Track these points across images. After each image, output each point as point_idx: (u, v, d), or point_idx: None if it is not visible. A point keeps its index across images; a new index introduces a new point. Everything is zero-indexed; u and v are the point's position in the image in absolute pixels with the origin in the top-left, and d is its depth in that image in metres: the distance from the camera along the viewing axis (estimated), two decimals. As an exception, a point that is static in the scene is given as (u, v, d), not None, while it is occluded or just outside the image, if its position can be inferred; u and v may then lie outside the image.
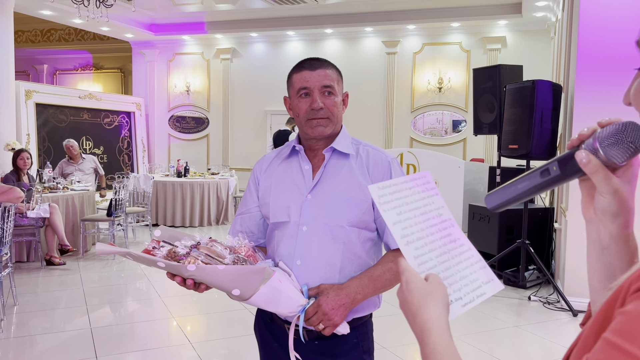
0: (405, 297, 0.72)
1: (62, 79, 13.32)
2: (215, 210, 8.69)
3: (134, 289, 5.23)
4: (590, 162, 0.65)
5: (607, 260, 0.69)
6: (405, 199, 0.86)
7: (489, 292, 0.83)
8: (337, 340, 1.53)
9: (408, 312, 0.71)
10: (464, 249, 0.86)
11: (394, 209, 0.83)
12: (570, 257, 4.56)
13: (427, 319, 0.68)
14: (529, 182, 0.73)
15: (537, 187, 0.72)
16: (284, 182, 1.58)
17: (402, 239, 0.80)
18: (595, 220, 0.70)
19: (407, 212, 0.84)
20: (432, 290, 0.72)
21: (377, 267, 1.50)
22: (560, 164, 0.69)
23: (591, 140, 0.66)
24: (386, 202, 0.83)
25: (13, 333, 3.93)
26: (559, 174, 0.70)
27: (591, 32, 4.37)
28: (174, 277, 1.36)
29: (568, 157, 0.69)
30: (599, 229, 0.69)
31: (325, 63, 1.55)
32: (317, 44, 10.50)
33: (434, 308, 0.69)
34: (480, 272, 0.84)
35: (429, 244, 0.82)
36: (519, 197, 0.75)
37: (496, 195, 0.77)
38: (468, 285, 0.81)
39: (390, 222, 0.81)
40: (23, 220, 5.66)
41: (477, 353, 3.62)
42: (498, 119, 5.52)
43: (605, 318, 0.54)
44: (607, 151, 0.64)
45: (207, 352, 3.62)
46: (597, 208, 0.68)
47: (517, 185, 0.74)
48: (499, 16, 8.91)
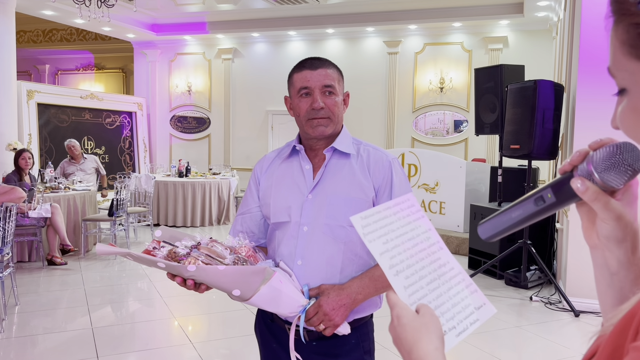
0: (398, 333, 0.70)
1: (63, 79, 13.34)
2: (217, 210, 8.70)
3: (136, 289, 5.24)
4: (588, 190, 0.62)
5: (617, 286, 0.67)
6: (390, 226, 0.83)
7: (482, 318, 0.81)
8: (338, 341, 1.52)
9: (402, 349, 0.69)
10: (454, 273, 0.83)
11: (379, 239, 0.81)
12: (572, 258, 4.55)
13: (424, 355, 0.67)
14: (522, 210, 0.70)
15: (531, 215, 0.70)
16: (284, 182, 1.58)
17: (390, 270, 0.77)
18: (600, 247, 0.67)
19: (394, 240, 0.81)
20: (425, 323, 0.70)
21: (378, 268, 1.50)
22: (554, 191, 0.67)
23: (585, 165, 0.63)
24: (370, 232, 0.81)
25: (14, 333, 3.93)
26: (555, 201, 0.67)
27: (593, 32, 4.36)
28: (174, 277, 1.35)
29: (562, 183, 0.66)
30: (605, 255, 0.66)
31: (326, 62, 1.55)
32: (318, 44, 10.50)
33: (429, 342, 0.68)
34: (471, 298, 0.82)
35: (418, 271, 0.79)
36: (513, 226, 0.72)
37: (489, 225, 0.75)
38: (460, 312, 0.79)
39: (377, 252, 0.79)
40: (25, 220, 5.67)
41: (478, 353, 3.61)
42: (500, 119, 5.51)
43: (617, 348, 0.51)
44: (604, 176, 0.62)
45: (208, 352, 3.62)
46: (601, 235, 0.65)
47: (510, 214, 0.72)
48: (500, 16, 8.90)
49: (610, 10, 0.56)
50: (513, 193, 5.84)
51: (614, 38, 0.56)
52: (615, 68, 0.57)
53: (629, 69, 0.55)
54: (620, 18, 0.55)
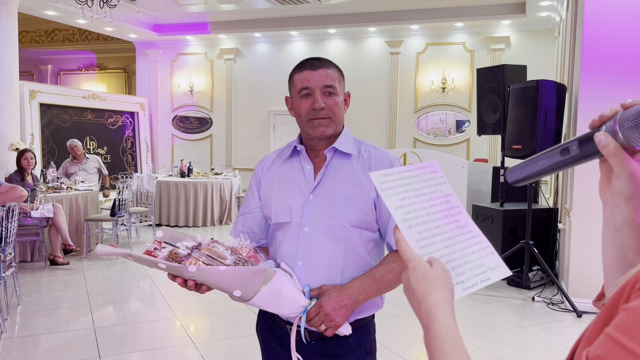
0: (411, 282, 0.72)
1: (66, 79, 13.36)
2: (219, 210, 8.70)
3: (138, 289, 5.24)
4: (609, 145, 0.65)
5: (619, 241, 0.70)
6: (409, 186, 0.83)
7: (494, 277, 0.82)
8: (339, 341, 1.52)
9: (413, 298, 0.72)
10: (471, 235, 0.84)
11: (396, 195, 0.81)
12: (575, 258, 4.54)
13: (433, 305, 0.69)
14: (548, 159, 0.74)
15: (556, 165, 0.73)
16: (285, 182, 1.58)
17: (404, 223, 0.78)
18: (610, 202, 0.70)
19: (412, 198, 0.82)
20: (438, 276, 0.72)
21: (379, 268, 1.50)
22: (580, 144, 0.70)
23: (611, 122, 0.66)
24: (388, 188, 0.81)
25: (17, 332, 3.94)
26: (578, 153, 0.70)
27: (596, 32, 4.35)
28: (175, 278, 1.35)
29: (588, 137, 0.68)
30: (614, 210, 0.70)
31: (327, 63, 1.55)
32: (320, 44, 10.50)
33: (440, 294, 0.70)
34: (487, 258, 0.83)
35: (433, 228, 0.80)
36: (538, 173, 0.76)
37: (516, 171, 0.79)
38: (472, 270, 0.80)
39: (392, 206, 0.79)
40: (27, 220, 5.68)
41: (480, 353, 3.61)
42: (502, 119, 5.50)
43: (610, 313, 0.54)
44: (627, 134, 0.64)
45: (210, 352, 3.62)
46: (613, 190, 0.69)
47: (537, 162, 0.75)
48: (502, 16, 8.89)
49: None
50: (515, 193, 5.83)
51: None
52: None
53: None
54: None
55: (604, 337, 0.51)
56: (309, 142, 1.58)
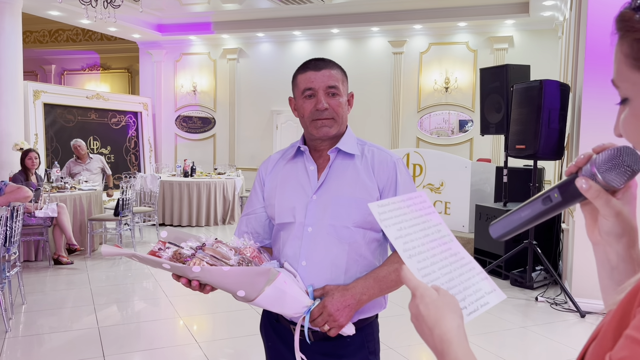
0: (421, 310, 0.73)
1: (69, 79, 13.40)
2: (222, 210, 8.72)
3: (141, 289, 5.26)
4: (591, 188, 0.68)
5: (617, 278, 0.72)
6: (404, 216, 0.89)
7: (492, 301, 0.85)
8: (343, 341, 1.52)
9: (424, 326, 0.73)
10: (464, 262, 0.87)
11: (394, 225, 0.86)
12: (578, 258, 4.54)
13: (447, 331, 0.70)
14: (531, 210, 0.76)
15: (539, 214, 0.75)
16: (289, 182, 1.58)
17: (404, 252, 0.82)
18: (601, 243, 0.73)
19: (407, 228, 0.87)
20: (447, 302, 0.73)
21: (382, 268, 1.50)
22: (561, 191, 0.72)
23: (589, 167, 0.69)
24: (386, 219, 0.87)
25: (21, 332, 3.96)
26: (561, 200, 0.72)
27: (599, 32, 4.34)
28: (180, 278, 1.36)
29: (567, 184, 0.71)
30: (606, 250, 0.72)
31: (330, 63, 1.55)
32: (323, 44, 10.50)
33: (452, 320, 0.71)
34: (482, 283, 0.86)
35: (430, 257, 0.84)
36: (523, 225, 0.78)
37: (500, 225, 0.80)
38: (472, 295, 0.83)
39: (392, 237, 0.84)
40: (31, 219, 5.70)
41: (483, 354, 3.60)
42: (505, 119, 5.49)
43: (624, 316, 0.55)
44: (605, 176, 0.67)
45: (214, 351, 3.63)
46: (602, 231, 0.71)
47: (520, 214, 0.77)
48: (506, 16, 8.87)
49: (616, 27, 0.62)
50: (518, 193, 5.82)
51: (619, 52, 0.62)
52: (619, 79, 0.63)
53: (631, 79, 0.61)
54: (625, 34, 0.61)
55: (625, 340, 0.51)
56: (313, 143, 1.59)
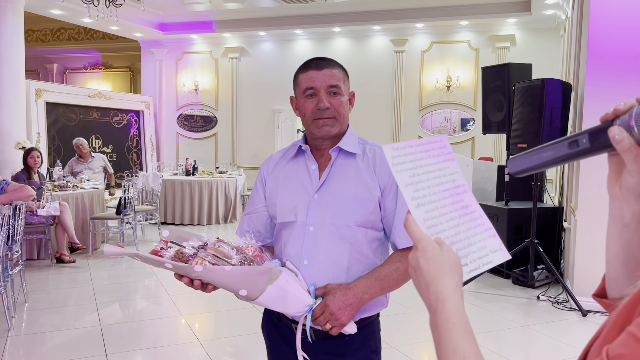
0: (420, 264, 0.71)
1: (71, 77, 13.41)
2: (224, 208, 8.72)
3: (143, 287, 5.27)
4: (623, 140, 0.64)
5: (626, 237, 0.70)
6: (419, 162, 0.84)
7: (495, 260, 0.82)
8: (345, 340, 1.53)
9: (421, 280, 0.71)
10: (475, 216, 0.84)
11: (406, 171, 0.82)
12: (580, 257, 4.53)
13: (443, 290, 0.68)
14: (554, 151, 0.71)
15: (563, 157, 0.71)
16: (290, 182, 1.59)
17: (412, 201, 0.79)
18: (619, 197, 0.70)
19: (420, 175, 0.82)
20: (449, 259, 0.71)
21: (384, 267, 1.50)
22: (590, 137, 0.67)
23: (627, 117, 0.64)
24: (399, 164, 0.82)
25: (24, 330, 3.97)
26: (588, 147, 0.68)
27: (601, 30, 4.33)
28: (182, 277, 1.37)
29: (600, 130, 0.67)
30: (622, 206, 0.69)
31: (332, 63, 1.55)
32: (325, 43, 10.49)
33: (451, 278, 0.69)
34: (489, 240, 0.83)
35: (439, 208, 0.81)
36: (543, 165, 0.73)
37: (519, 161, 0.76)
38: (475, 252, 0.80)
39: (402, 183, 0.80)
40: (34, 218, 5.72)
41: (485, 352, 3.59)
42: (507, 118, 5.49)
43: (630, 312, 0.54)
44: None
45: (216, 350, 3.64)
46: (623, 186, 0.68)
47: (542, 154, 0.73)
48: (508, 14, 8.86)
49: None
50: (520, 192, 5.82)
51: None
52: None
53: None
54: None
55: (626, 336, 0.50)
56: (314, 142, 1.59)
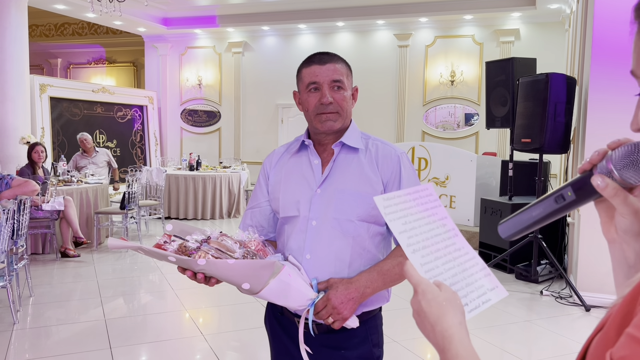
0: (422, 307, 0.72)
1: (75, 72, 13.43)
2: (227, 203, 8.74)
3: (147, 282, 5.29)
4: (608, 186, 0.65)
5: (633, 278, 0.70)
6: (409, 210, 0.88)
7: (494, 298, 0.84)
8: (347, 334, 1.53)
9: (426, 322, 0.72)
10: (468, 257, 0.87)
11: (399, 219, 0.85)
12: (583, 252, 4.53)
13: (448, 327, 0.69)
14: (543, 209, 0.73)
15: (552, 213, 0.73)
16: (293, 176, 1.59)
17: (408, 247, 0.81)
18: (618, 241, 0.70)
19: (412, 222, 0.86)
20: (449, 298, 0.73)
21: (386, 262, 1.51)
22: (574, 189, 0.70)
23: (604, 163, 0.67)
24: (391, 213, 0.86)
25: (29, 324, 4.00)
26: (575, 198, 0.70)
27: (606, 25, 4.31)
28: (185, 271, 1.37)
29: (582, 181, 0.69)
30: (623, 248, 0.70)
31: (335, 57, 1.55)
32: (328, 37, 10.47)
33: (454, 316, 0.71)
34: (485, 280, 0.86)
35: (434, 252, 0.83)
36: (534, 224, 0.75)
37: (510, 224, 0.78)
38: (474, 291, 0.82)
39: (397, 231, 0.84)
40: (38, 213, 5.74)
41: (488, 347, 3.61)
42: (511, 113, 5.47)
43: (627, 313, 0.54)
44: (623, 173, 0.65)
45: (219, 344, 3.66)
46: (620, 229, 0.69)
47: (531, 213, 0.75)
48: (512, 8, 8.82)
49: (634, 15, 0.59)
50: (524, 187, 5.81)
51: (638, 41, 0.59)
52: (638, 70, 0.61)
53: None
54: None
55: (625, 338, 0.51)
56: (317, 137, 1.59)
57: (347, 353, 1.54)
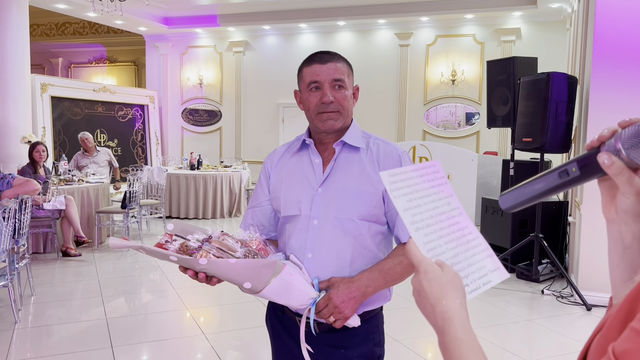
0: (423, 286, 0.72)
1: (76, 72, 13.44)
2: (228, 202, 8.75)
3: (148, 281, 5.30)
4: (614, 164, 0.64)
5: (629, 258, 0.70)
6: (415, 187, 0.86)
7: (495, 280, 0.83)
8: (348, 333, 1.53)
9: (426, 302, 0.72)
10: (471, 237, 0.86)
11: (404, 196, 0.84)
12: (584, 251, 4.52)
13: (449, 309, 0.69)
14: (545, 182, 0.72)
15: (554, 188, 0.71)
16: (294, 175, 1.59)
17: (412, 225, 0.80)
18: (617, 220, 0.70)
19: (417, 200, 0.85)
20: (451, 279, 0.72)
21: (387, 261, 1.51)
22: (579, 165, 0.68)
23: (613, 141, 0.65)
24: (397, 189, 0.84)
25: (30, 323, 4.00)
26: (579, 175, 0.69)
27: (608, 24, 4.30)
28: (186, 270, 1.37)
29: (588, 158, 0.68)
30: (621, 228, 0.70)
31: (336, 56, 1.55)
32: (329, 37, 10.47)
33: (455, 297, 0.70)
34: (487, 260, 0.84)
35: (437, 230, 0.82)
36: (535, 197, 0.74)
37: (511, 196, 0.76)
38: (475, 272, 0.81)
39: (401, 208, 0.82)
40: (39, 212, 5.75)
41: (489, 346, 3.61)
42: (512, 112, 5.47)
43: (631, 309, 0.54)
44: (630, 152, 0.64)
45: (220, 343, 3.66)
46: (620, 208, 0.68)
47: (533, 186, 0.73)
48: (513, 7, 8.81)
49: None
50: (525, 186, 5.79)
51: None
52: None
53: None
54: None
55: (629, 332, 0.51)
56: (318, 136, 1.59)
57: (348, 352, 1.54)
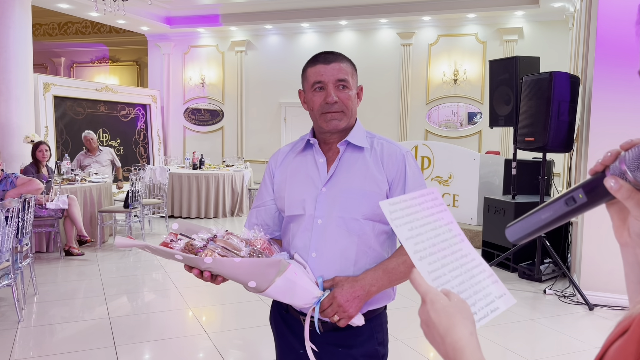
0: (431, 317, 0.70)
1: (79, 71, 13.47)
2: (230, 202, 8.76)
3: (151, 280, 5.31)
4: (622, 187, 0.63)
5: None
6: (415, 215, 0.86)
7: (502, 306, 0.82)
8: (352, 332, 1.54)
9: (435, 333, 0.70)
10: (475, 264, 0.85)
11: (405, 225, 0.83)
12: (587, 251, 4.52)
13: (459, 339, 0.68)
14: (552, 211, 0.71)
15: (562, 216, 0.70)
16: (298, 175, 1.60)
17: (415, 254, 0.80)
18: (631, 244, 0.68)
19: (418, 228, 0.84)
20: (460, 308, 0.71)
21: (391, 260, 1.51)
22: (586, 191, 0.67)
23: (617, 164, 0.64)
24: (397, 218, 0.84)
25: (33, 322, 4.02)
26: (586, 201, 0.67)
27: (610, 23, 4.30)
28: (192, 269, 1.38)
29: (594, 182, 0.66)
30: (637, 252, 0.68)
31: (340, 57, 1.55)
32: (331, 36, 10.47)
33: (465, 327, 0.69)
34: (492, 287, 0.84)
35: (441, 259, 0.82)
36: (543, 227, 0.73)
37: (518, 227, 0.75)
38: (482, 300, 0.80)
39: (403, 237, 0.82)
40: (42, 211, 5.76)
41: (491, 346, 3.62)
42: (514, 111, 5.47)
43: None
44: (637, 174, 0.62)
45: (223, 342, 3.67)
46: (633, 232, 0.67)
47: (540, 216, 0.72)
48: (515, 7, 8.80)
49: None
50: (527, 186, 5.80)
51: None
52: None
53: None
54: None
55: None
56: (322, 136, 1.60)
57: (352, 351, 1.54)
